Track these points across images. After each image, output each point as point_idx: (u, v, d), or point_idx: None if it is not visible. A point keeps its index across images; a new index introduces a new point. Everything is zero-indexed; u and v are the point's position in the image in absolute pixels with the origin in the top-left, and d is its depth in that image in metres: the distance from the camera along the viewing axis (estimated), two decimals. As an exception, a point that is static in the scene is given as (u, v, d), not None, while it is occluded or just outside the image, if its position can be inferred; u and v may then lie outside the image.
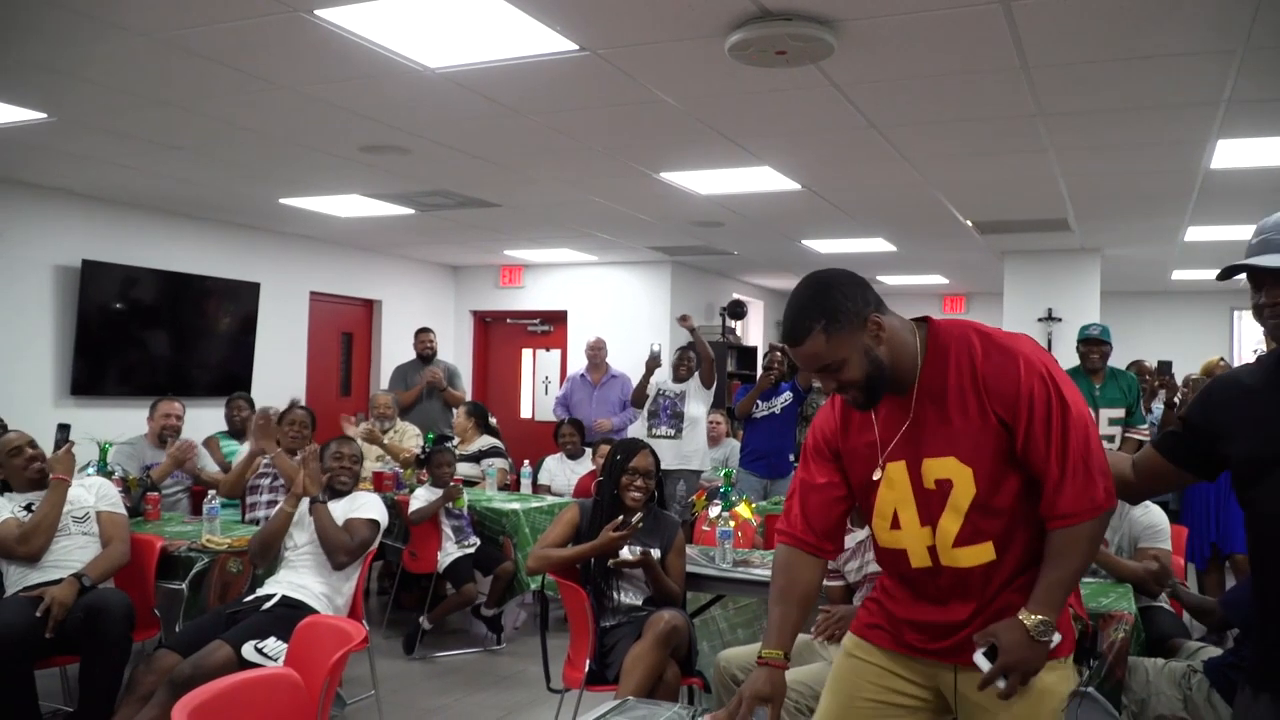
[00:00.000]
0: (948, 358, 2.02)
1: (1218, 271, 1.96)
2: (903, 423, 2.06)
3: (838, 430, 2.18)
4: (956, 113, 4.82)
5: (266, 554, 4.22)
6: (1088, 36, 3.78)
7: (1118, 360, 6.66)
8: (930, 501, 2.04)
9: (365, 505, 4.37)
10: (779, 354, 7.16)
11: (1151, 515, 4.15)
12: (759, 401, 7.22)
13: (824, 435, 2.21)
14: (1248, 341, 12.40)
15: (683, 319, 7.49)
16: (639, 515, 3.84)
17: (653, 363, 7.27)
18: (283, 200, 7.38)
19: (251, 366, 8.58)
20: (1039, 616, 1.94)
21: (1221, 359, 6.51)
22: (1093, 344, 5.94)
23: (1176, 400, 6.05)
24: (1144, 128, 5.03)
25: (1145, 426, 5.90)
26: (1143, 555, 3.97)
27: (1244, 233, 7.91)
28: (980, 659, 1.97)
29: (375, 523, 4.30)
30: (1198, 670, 3.37)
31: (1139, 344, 10.89)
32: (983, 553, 2.02)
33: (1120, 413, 5.85)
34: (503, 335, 11.46)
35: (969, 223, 7.83)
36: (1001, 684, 1.95)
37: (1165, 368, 6.18)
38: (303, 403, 6.21)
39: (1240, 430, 1.94)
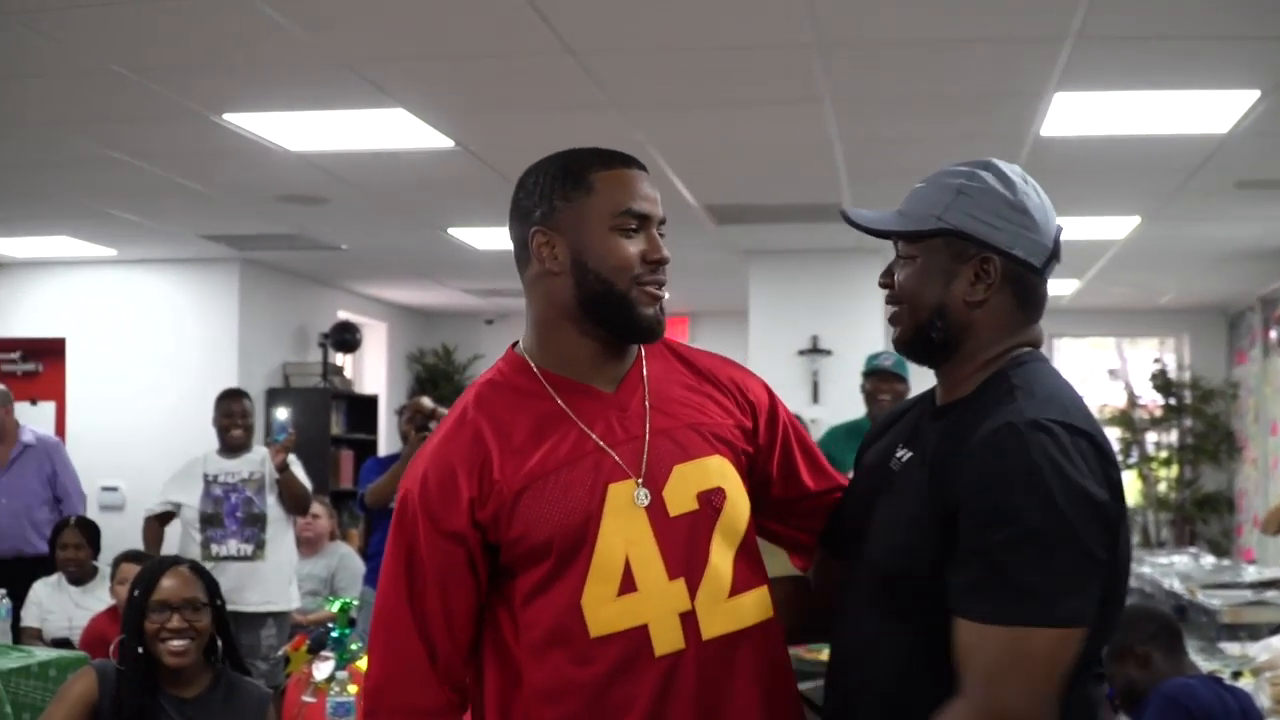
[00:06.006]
0: None
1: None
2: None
3: (493, 459, 2.15)
4: (695, 36, 4.91)
5: None
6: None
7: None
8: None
9: None
10: (427, 404, 6.97)
11: None
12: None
13: (454, 499, 2.14)
14: (1069, 378, 13.57)
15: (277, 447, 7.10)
16: None
17: (285, 447, 6.84)
18: None
19: None
20: None
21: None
22: (885, 379, 6.22)
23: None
24: (959, 72, 5.34)
25: None
26: None
27: (1065, 228, 8.61)
28: None
29: None
30: None
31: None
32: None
33: None
34: (-47, 379, 10.70)
35: (701, 206, 8.05)
36: None
37: None
38: None
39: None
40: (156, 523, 7.10)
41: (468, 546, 2.12)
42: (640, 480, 2.14)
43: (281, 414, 7.32)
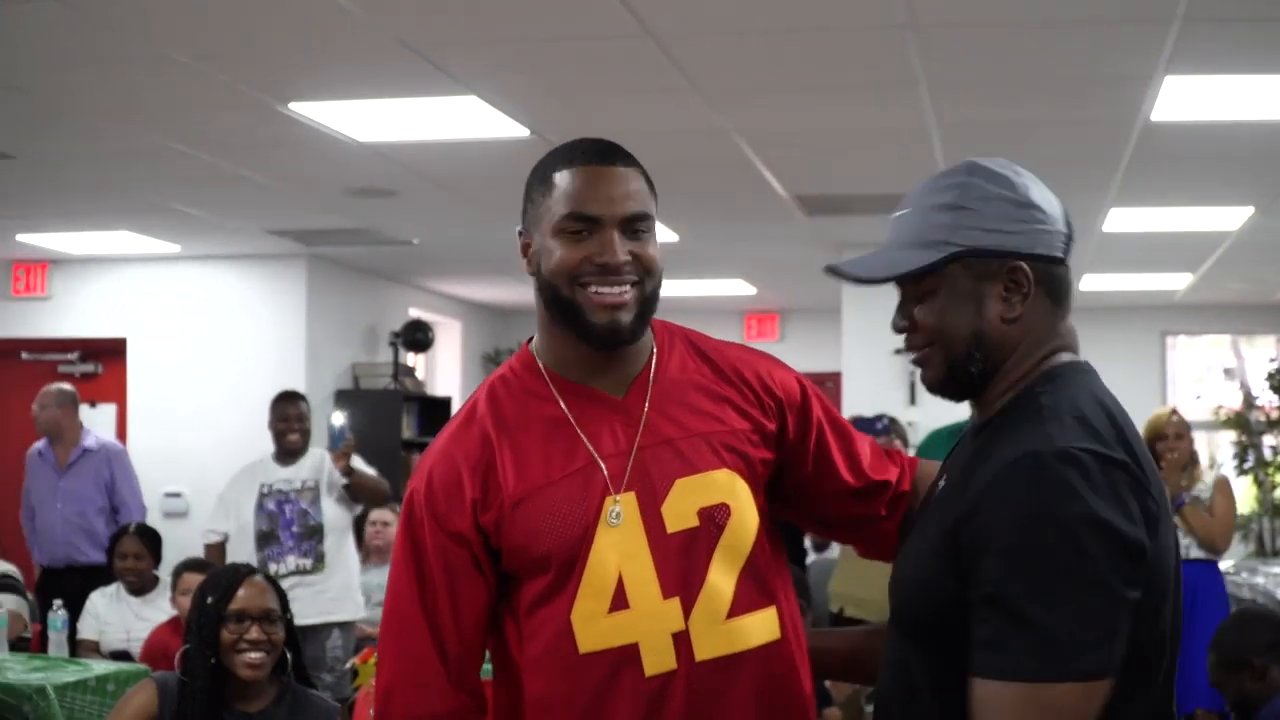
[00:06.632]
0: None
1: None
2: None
3: (497, 463, 2.16)
4: (782, 16, 4.90)
5: None
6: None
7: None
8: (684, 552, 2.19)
9: None
10: None
11: None
12: None
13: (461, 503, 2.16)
14: (1183, 378, 13.37)
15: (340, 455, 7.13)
16: None
17: (345, 453, 6.88)
18: None
19: None
20: None
21: (1174, 412, 6.88)
22: None
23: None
24: (1061, 55, 5.30)
25: None
26: None
27: (1177, 219, 8.52)
28: None
29: None
30: None
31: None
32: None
33: None
34: (13, 380, 10.98)
35: (790, 196, 8.03)
36: None
37: None
38: None
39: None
40: (219, 549, 7.16)
41: (472, 549, 2.13)
42: (636, 494, 2.15)
43: (338, 419, 7.29)
